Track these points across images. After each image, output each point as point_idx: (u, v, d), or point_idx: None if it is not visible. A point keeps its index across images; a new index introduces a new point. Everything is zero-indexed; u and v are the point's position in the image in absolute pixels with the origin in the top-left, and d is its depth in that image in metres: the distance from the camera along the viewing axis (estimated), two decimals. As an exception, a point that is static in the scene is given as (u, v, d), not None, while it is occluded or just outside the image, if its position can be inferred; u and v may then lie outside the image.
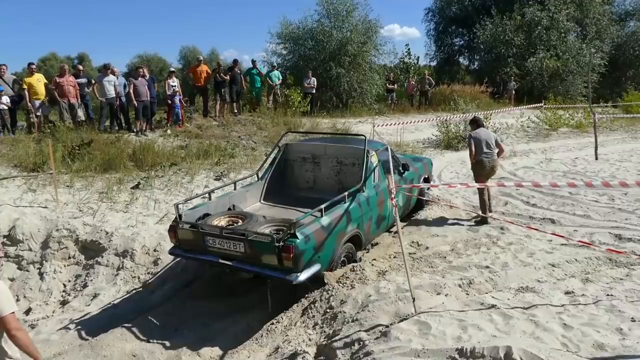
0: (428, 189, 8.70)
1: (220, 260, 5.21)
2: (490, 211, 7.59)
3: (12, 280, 6.57)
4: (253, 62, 16.25)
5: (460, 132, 14.00)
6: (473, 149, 7.48)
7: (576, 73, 24.55)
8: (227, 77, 13.96)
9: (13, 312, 3.02)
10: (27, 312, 6.06)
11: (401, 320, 4.16)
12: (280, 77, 16.64)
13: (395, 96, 21.07)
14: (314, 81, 17.07)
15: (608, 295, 4.60)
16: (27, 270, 6.67)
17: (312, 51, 19.60)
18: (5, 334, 2.99)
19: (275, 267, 4.91)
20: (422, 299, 4.49)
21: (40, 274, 6.62)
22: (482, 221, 7.42)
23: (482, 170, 7.51)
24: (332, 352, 4.00)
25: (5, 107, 10.81)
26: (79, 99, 11.67)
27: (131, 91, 11.67)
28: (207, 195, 6.38)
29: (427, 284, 4.96)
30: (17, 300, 6.22)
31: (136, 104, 11.69)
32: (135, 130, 11.94)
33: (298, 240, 4.79)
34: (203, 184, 9.20)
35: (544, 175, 10.84)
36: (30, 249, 6.84)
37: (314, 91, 17.08)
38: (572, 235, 6.49)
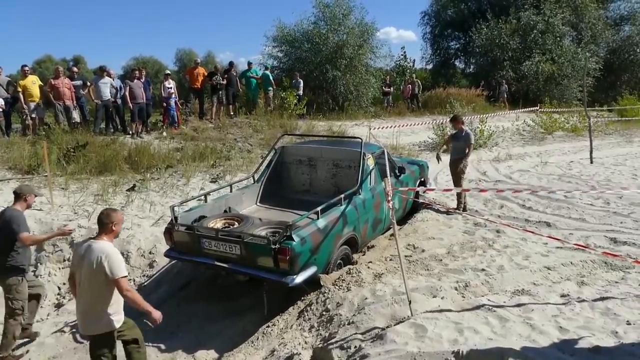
0: (424, 191, 8.72)
1: (216, 263, 5.20)
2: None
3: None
4: (249, 63, 16.27)
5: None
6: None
7: (571, 77, 24.69)
8: (224, 82, 13.96)
9: (125, 276, 3.72)
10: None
11: (397, 323, 4.15)
12: (271, 77, 16.56)
13: (391, 99, 21.13)
14: (300, 83, 17.16)
15: (603, 298, 4.60)
16: (22, 273, 6.62)
17: (308, 54, 19.63)
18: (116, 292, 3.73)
19: (271, 270, 4.90)
20: (418, 301, 4.49)
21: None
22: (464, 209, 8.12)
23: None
24: (328, 355, 3.98)
25: (0, 110, 10.76)
26: (74, 101, 11.63)
27: (127, 93, 11.65)
28: (203, 197, 6.37)
29: (423, 287, 4.95)
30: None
31: (132, 106, 11.67)
32: (130, 132, 11.91)
33: (294, 243, 4.79)
34: (199, 186, 9.19)
35: (540, 178, 10.87)
36: (24, 252, 6.79)
37: (301, 92, 17.09)
38: (568, 239, 6.51)
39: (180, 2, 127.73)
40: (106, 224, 3.79)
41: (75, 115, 11.66)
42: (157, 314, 3.87)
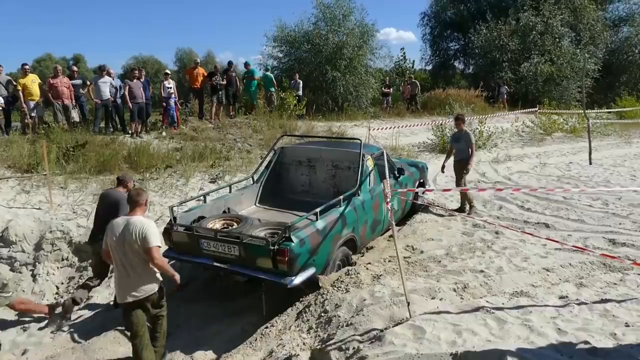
0: (423, 193, 8.73)
1: (215, 263, 5.20)
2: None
3: (4, 282, 6.52)
4: (246, 64, 16.24)
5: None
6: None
7: (570, 78, 24.71)
8: (224, 82, 13.95)
9: (159, 246, 4.18)
10: (20, 314, 6.01)
11: (396, 325, 4.15)
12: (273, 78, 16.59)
13: (390, 100, 21.14)
14: (299, 83, 17.12)
15: (602, 300, 4.61)
16: (20, 272, 6.62)
17: (308, 54, 19.62)
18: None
19: (270, 271, 4.90)
20: (417, 303, 4.49)
21: (33, 276, 6.57)
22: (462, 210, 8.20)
23: None
24: (327, 357, 3.99)
25: (0, 108, 10.75)
26: (74, 100, 11.62)
27: (126, 93, 11.63)
28: (202, 197, 6.37)
29: (422, 288, 4.96)
30: (10, 302, 6.18)
31: (131, 106, 11.65)
32: (130, 132, 11.90)
33: (293, 244, 4.79)
34: (198, 186, 9.18)
35: (539, 179, 10.88)
36: (23, 251, 6.79)
37: (300, 93, 17.07)
38: (566, 240, 6.51)
39: (180, 2, 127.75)
40: (138, 202, 4.31)
41: (75, 115, 11.63)
42: (177, 277, 4.39)
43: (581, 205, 8.35)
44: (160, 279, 4.43)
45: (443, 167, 8.52)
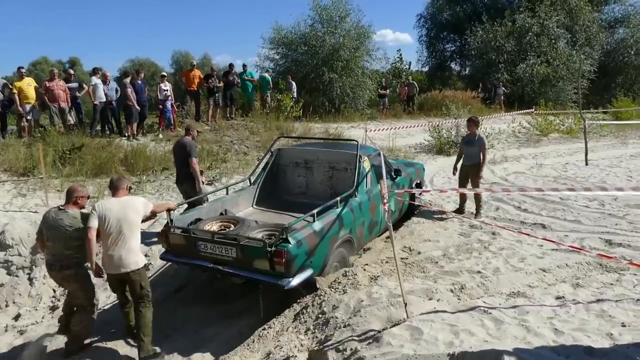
0: (420, 194, 8.72)
1: (212, 265, 5.19)
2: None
3: (1, 285, 6.50)
4: (244, 66, 16.25)
5: (452, 138, 14.07)
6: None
7: (566, 79, 24.82)
8: (221, 85, 13.94)
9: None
10: (17, 317, 5.99)
11: (393, 326, 4.15)
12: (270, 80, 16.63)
13: (387, 101, 21.17)
14: (292, 85, 17.14)
15: (599, 300, 4.62)
16: (17, 276, 6.59)
17: (305, 56, 19.65)
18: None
19: (267, 272, 4.90)
20: (414, 304, 4.49)
21: (30, 280, 6.54)
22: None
23: None
24: (324, 358, 3.98)
25: (-4, 112, 10.73)
26: (70, 103, 11.59)
27: (130, 94, 11.55)
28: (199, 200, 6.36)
29: (419, 289, 4.96)
30: (7, 306, 6.16)
31: (137, 107, 11.61)
32: (126, 134, 11.88)
33: (290, 245, 4.79)
34: (195, 188, 9.15)
35: (535, 180, 10.90)
36: (19, 254, 6.76)
37: (295, 95, 17.08)
38: (563, 241, 6.52)
39: (177, 4, 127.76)
40: (119, 186, 4.89)
41: (71, 118, 11.61)
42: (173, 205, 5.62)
43: (577, 205, 8.37)
44: (145, 261, 4.90)
45: (455, 169, 8.28)
